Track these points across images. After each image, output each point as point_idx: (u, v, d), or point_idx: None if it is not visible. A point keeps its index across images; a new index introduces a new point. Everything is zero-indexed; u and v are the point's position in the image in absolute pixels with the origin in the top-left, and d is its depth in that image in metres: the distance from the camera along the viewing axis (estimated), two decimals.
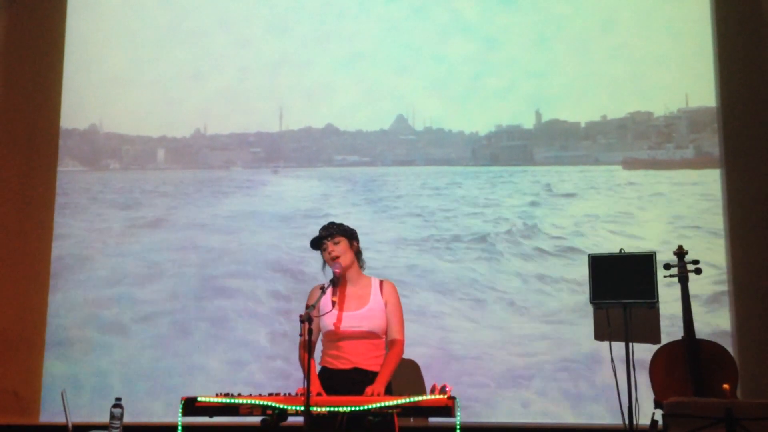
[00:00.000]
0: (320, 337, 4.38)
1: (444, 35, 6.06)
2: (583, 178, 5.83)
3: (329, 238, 4.34)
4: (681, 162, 5.79)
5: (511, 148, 5.94)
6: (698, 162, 5.76)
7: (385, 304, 4.35)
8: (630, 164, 5.84)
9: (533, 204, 5.81)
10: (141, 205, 6.17)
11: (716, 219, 5.56)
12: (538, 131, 5.92)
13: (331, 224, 4.42)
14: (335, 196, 6.05)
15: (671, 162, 5.80)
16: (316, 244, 4.39)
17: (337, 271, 4.26)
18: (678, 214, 5.63)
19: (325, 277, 4.38)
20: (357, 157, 6.14)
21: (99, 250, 6.06)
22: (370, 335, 4.29)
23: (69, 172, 6.29)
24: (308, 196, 6.08)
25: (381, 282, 4.43)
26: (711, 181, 5.64)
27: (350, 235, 4.41)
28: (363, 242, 4.55)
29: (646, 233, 5.59)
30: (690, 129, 5.78)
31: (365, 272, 4.50)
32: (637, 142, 5.85)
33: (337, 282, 4.26)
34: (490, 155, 5.96)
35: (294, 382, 4.97)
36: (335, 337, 4.29)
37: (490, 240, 5.75)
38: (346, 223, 4.49)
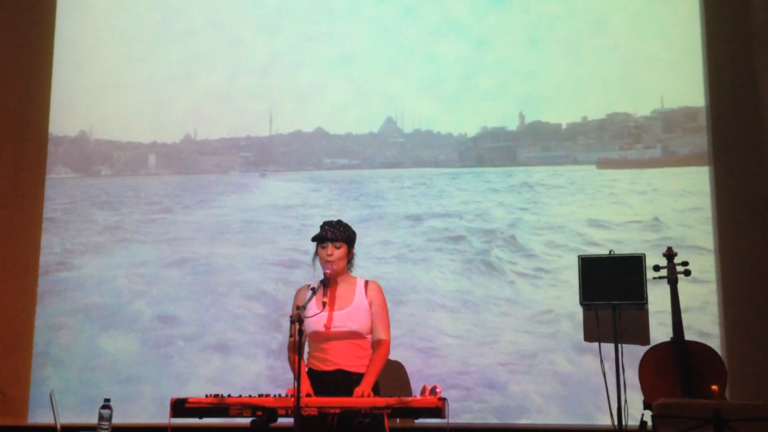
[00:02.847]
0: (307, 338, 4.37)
1: (435, 36, 6.07)
2: (566, 178, 5.85)
3: (333, 241, 4.33)
4: (649, 161, 5.80)
5: (495, 149, 5.96)
6: (665, 161, 5.77)
7: (370, 304, 4.34)
8: (604, 164, 5.86)
9: (517, 204, 5.81)
10: (131, 210, 6.15)
11: (704, 218, 5.55)
12: (522, 133, 5.93)
13: (339, 225, 4.39)
14: (324, 199, 6.05)
15: (640, 161, 5.82)
16: (318, 240, 4.39)
17: (328, 272, 4.25)
18: (662, 213, 5.63)
19: (316, 269, 4.39)
20: (346, 160, 6.14)
21: (88, 253, 6.05)
22: (354, 335, 4.27)
23: (60, 179, 6.29)
24: (297, 200, 6.08)
25: (366, 282, 4.42)
26: (698, 181, 5.64)
27: (351, 241, 4.40)
28: None
29: (630, 231, 5.61)
30: (663, 129, 5.80)
31: (352, 273, 4.50)
32: (612, 142, 5.87)
33: (328, 283, 4.25)
34: (476, 156, 5.97)
35: (284, 384, 4.97)
36: (321, 337, 4.28)
37: (476, 241, 5.76)
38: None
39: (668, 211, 5.63)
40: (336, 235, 4.33)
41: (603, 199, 5.75)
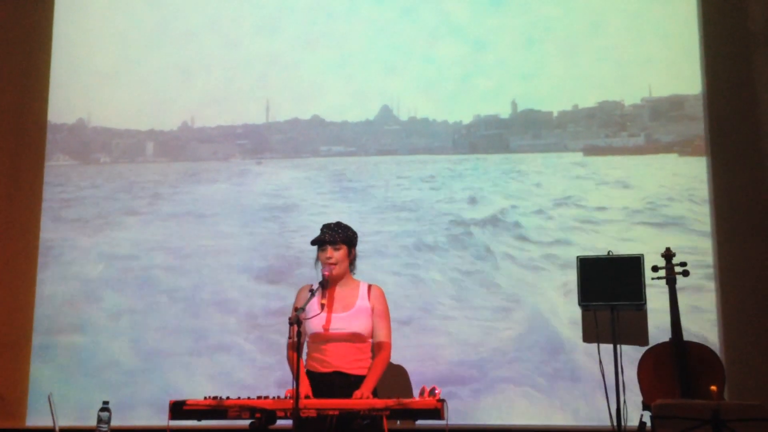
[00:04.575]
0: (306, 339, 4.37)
1: (433, 37, 6.03)
2: (556, 165, 5.83)
3: (332, 244, 4.33)
4: (633, 148, 5.79)
5: (488, 137, 5.94)
6: (648, 148, 5.76)
7: (372, 309, 4.36)
8: (590, 151, 5.84)
9: (511, 191, 5.80)
10: (130, 202, 6.13)
11: (702, 214, 5.54)
12: (514, 121, 5.91)
13: (338, 227, 4.39)
14: (320, 185, 6.03)
15: (624, 149, 5.81)
16: (317, 243, 4.38)
17: (326, 273, 4.25)
18: (658, 205, 5.61)
19: (317, 272, 4.39)
20: (342, 147, 6.13)
21: (87, 251, 6.02)
22: (354, 338, 4.28)
23: (58, 167, 6.27)
24: (293, 187, 6.06)
25: (369, 286, 4.44)
26: (692, 177, 5.62)
27: (351, 242, 4.40)
28: None
29: (619, 218, 5.60)
30: (650, 117, 5.77)
31: (355, 276, 4.50)
32: (601, 130, 5.85)
33: (327, 284, 4.25)
34: (470, 144, 5.96)
35: (283, 385, 4.97)
36: (321, 339, 4.29)
37: (471, 230, 5.73)
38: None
39: (663, 205, 5.61)
40: (334, 237, 4.33)
41: (593, 186, 5.73)
